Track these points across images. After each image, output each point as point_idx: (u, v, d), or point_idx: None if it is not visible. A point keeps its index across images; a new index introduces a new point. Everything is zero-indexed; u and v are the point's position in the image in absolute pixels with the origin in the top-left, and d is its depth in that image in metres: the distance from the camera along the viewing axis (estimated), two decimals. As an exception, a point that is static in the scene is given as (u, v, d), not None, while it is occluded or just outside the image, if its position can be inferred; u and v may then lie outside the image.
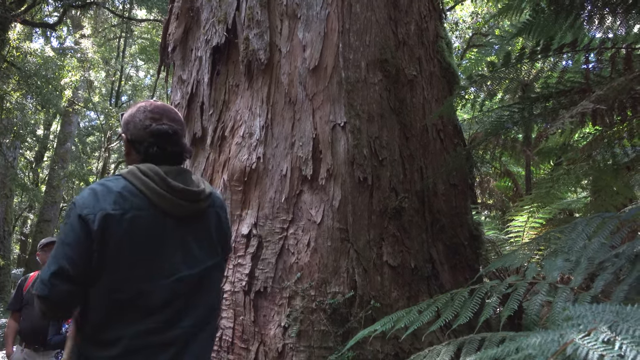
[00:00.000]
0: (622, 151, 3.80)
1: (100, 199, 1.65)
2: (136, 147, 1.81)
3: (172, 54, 4.14)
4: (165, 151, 1.79)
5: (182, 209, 1.76)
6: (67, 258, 1.60)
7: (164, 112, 1.84)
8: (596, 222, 2.33)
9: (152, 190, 1.69)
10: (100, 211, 1.61)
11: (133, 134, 1.81)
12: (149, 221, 1.69)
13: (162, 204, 1.71)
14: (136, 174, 1.71)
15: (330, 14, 3.43)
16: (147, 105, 1.85)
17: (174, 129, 1.81)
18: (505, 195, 9.41)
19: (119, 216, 1.63)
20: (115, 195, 1.66)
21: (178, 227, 1.76)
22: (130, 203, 1.67)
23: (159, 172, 1.72)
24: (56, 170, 15.73)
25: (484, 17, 13.30)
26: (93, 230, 1.59)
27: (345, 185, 3.12)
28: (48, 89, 12.46)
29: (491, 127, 3.75)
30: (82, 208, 1.63)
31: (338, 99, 3.28)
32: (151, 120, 1.80)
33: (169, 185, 1.72)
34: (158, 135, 1.77)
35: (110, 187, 1.68)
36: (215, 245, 1.89)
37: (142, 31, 19.24)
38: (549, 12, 3.16)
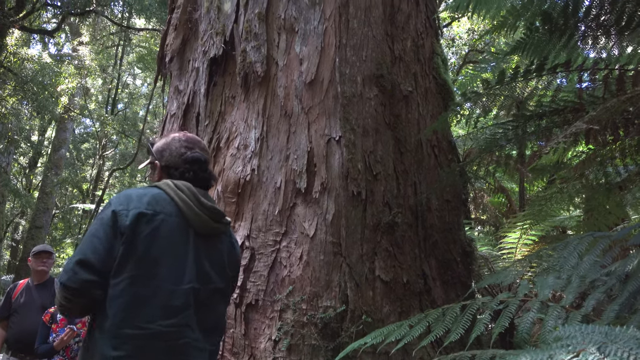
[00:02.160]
0: (614, 170, 3.83)
1: (134, 199, 1.80)
2: (170, 173, 2.00)
3: (170, 64, 4.15)
4: (197, 177, 1.99)
5: (205, 225, 1.90)
6: (93, 248, 1.70)
7: (195, 142, 2.09)
8: (588, 241, 2.34)
9: (183, 201, 1.85)
10: (134, 209, 1.76)
11: (168, 161, 2.02)
12: (176, 227, 1.82)
13: (190, 215, 1.85)
14: (171, 185, 1.90)
15: (327, 29, 3.46)
16: (180, 136, 2.08)
17: (205, 157, 2.06)
18: (499, 211, 9.43)
19: (151, 216, 1.77)
20: (149, 198, 1.82)
21: (197, 242, 1.88)
22: (162, 207, 1.82)
23: (192, 188, 1.91)
24: (49, 176, 15.65)
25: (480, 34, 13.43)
26: (124, 225, 1.72)
27: (339, 199, 3.13)
28: (44, 95, 12.44)
29: (485, 144, 3.77)
30: (116, 205, 1.77)
31: (334, 113, 3.29)
32: (186, 148, 2.02)
33: (199, 200, 1.88)
34: (193, 162, 1.99)
35: (145, 192, 1.85)
36: (225, 269, 1.99)
37: (140, 40, 19.29)
38: (543, 31, 3.21)
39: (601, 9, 3.02)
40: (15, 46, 12.59)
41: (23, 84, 11.94)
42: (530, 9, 3.04)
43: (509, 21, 3.11)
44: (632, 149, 3.51)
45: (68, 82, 14.21)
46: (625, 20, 3.04)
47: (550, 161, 6.75)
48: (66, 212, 19.66)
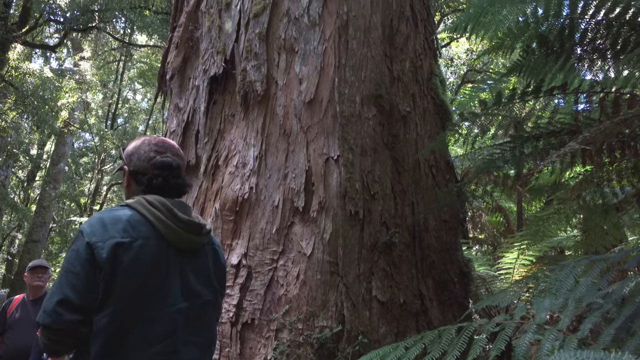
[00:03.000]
0: (611, 192, 3.85)
1: (108, 227, 1.65)
2: (138, 179, 1.85)
3: (170, 81, 4.19)
4: (168, 183, 1.82)
5: (185, 241, 1.78)
6: (72, 287, 1.58)
7: (168, 146, 1.91)
8: (584, 264, 2.34)
9: (159, 220, 1.72)
10: (110, 239, 1.62)
11: (136, 166, 1.85)
12: (155, 250, 1.70)
13: (168, 234, 1.73)
14: (143, 203, 1.74)
15: (327, 49, 3.50)
16: (151, 139, 1.91)
17: (177, 162, 1.87)
18: (497, 230, 9.43)
19: (128, 244, 1.63)
20: (124, 224, 1.67)
21: (179, 259, 1.77)
22: (138, 232, 1.68)
23: (166, 203, 1.75)
24: (47, 190, 15.63)
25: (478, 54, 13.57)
26: (102, 258, 1.59)
27: (337, 219, 3.13)
28: (44, 110, 12.49)
29: (483, 164, 3.79)
30: (90, 236, 1.62)
31: (332, 132, 3.31)
32: (155, 152, 1.86)
33: (176, 216, 1.75)
34: (162, 167, 1.82)
35: (118, 215, 1.70)
36: (212, 281, 1.89)
37: (141, 56, 19.44)
38: (539, 53, 3.25)
39: (597, 33, 3.06)
40: (17, 60, 12.68)
41: (24, 98, 12.00)
42: (527, 31, 3.08)
43: (506, 42, 3.15)
44: (629, 171, 3.53)
45: (69, 96, 14.28)
46: (621, 44, 3.08)
47: (547, 182, 6.78)
48: (63, 226, 19.59)
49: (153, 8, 12.51)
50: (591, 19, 2.97)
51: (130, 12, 11.45)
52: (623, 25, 2.91)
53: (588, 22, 3.01)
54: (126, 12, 11.33)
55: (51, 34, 17.46)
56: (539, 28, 3.13)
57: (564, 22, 3.01)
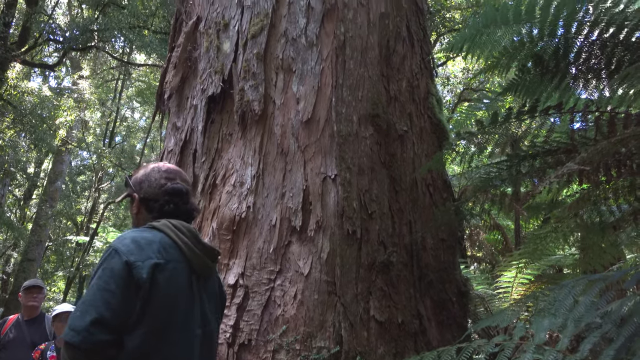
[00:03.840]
0: (608, 210, 3.85)
1: (144, 247, 1.67)
2: (149, 205, 1.88)
3: (168, 101, 4.21)
4: (178, 209, 1.87)
5: (205, 266, 1.83)
6: (107, 305, 1.55)
7: (176, 172, 1.97)
8: (583, 283, 2.33)
9: (186, 245, 1.76)
10: (148, 259, 1.63)
11: (147, 193, 1.89)
12: (184, 274, 1.74)
13: (193, 259, 1.77)
14: (171, 227, 1.78)
15: (324, 69, 3.53)
16: (160, 167, 1.96)
17: (186, 188, 1.93)
18: (495, 248, 9.41)
19: (164, 265, 1.66)
20: (157, 245, 1.70)
21: (198, 285, 1.81)
22: (170, 254, 1.71)
23: (190, 228, 1.81)
24: (44, 209, 15.58)
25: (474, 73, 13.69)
26: (142, 278, 1.59)
27: (334, 238, 3.13)
28: (42, 128, 12.51)
29: (480, 183, 3.80)
30: (128, 255, 1.62)
31: (329, 151, 3.32)
32: (166, 179, 1.91)
33: (200, 241, 1.80)
34: (173, 194, 1.87)
35: (150, 237, 1.72)
36: (219, 306, 1.94)
37: (139, 74, 19.55)
38: (534, 72, 3.28)
39: (591, 53, 3.10)
40: (15, 79, 12.73)
41: (22, 116, 12.02)
42: (523, 51, 3.11)
43: (501, 62, 3.18)
44: (625, 190, 3.54)
45: (67, 115, 14.32)
46: (615, 64, 3.11)
47: (544, 200, 6.79)
48: (59, 244, 19.48)
49: (152, 28, 12.62)
50: (585, 39, 3.01)
51: (129, 32, 11.54)
52: (617, 45, 2.94)
53: (582, 42, 3.05)
54: (125, 31, 11.42)
55: (50, 53, 17.58)
56: (534, 48, 3.16)
57: (558, 42, 3.05)
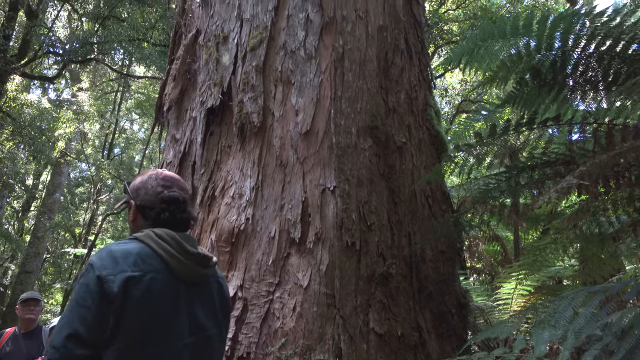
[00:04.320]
0: (607, 221, 3.86)
1: (119, 260, 1.65)
2: (145, 213, 1.86)
3: (167, 113, 4.22)
4: (174, 217, 1.84)
5: (193, 274, 1.79)
6: (83, 320, 1.56)
7: (174, 180, 1.95)
8: (583, 295, 2.33)
9: (169, 254, 1.72)
10: (121, 273, 1.61)
11: (144, 200, 1.87)
12: (165, 284, 1.70)
13: (177, 267, 1.73)
14: (152, 237, 1.75)
15: (323, 81, 3.54)
16: (158, 174, 1.94)
17: (183, 196, 1.90)
18: (494, 259, 9.39)
19: (139, 278, 1.63)
20: (134, 257, 1.67)
21: (187, 293, 1.77)
22: (149, 265, 1.68)
23: (175, 236, 1.76)
24: (42, 220, 15.54)
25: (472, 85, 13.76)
26: (113, 292, 1.58)
27: (333, 250, 3.12)
28: (41, 140, 12.52)
29: (479, 195, 3.80)
30: (101, 269, 1.61)
31: (328, 163, 3.33)
32: (163, 187, 1.89)
33: (185, 249, 1.76)
34: (170, 202, 1.85)
35: (128, 249, 1.70)
36: (217, 314, 1.89)
37: (139, 86, 19.63)
38: (532, 85, 3.29)
39: (588, 66, 3.12)
40: (15, 91, 12.77)
41: (21, 128, 12.04)
42: (520, 64, 3.13)
43: (499, 75, 3.20)
44: (624, 201, 3.54)
45: (66, 127, 14.35)
46: (612, 77, 3.13)
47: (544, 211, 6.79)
48: (57, 256, 19.41)
49: (151, 40, 12.69)
50: (583, 52, 3.03)
51: (128, 44, 11.61)
52: (614, 58, 2.96)
53: (580, 55, 3.07)
54: (125, 44, 11.48)
55: (50, 65, 17.64)
56: (531, 61, 3.18)
57: (555, 54, 3.07)
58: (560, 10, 13.05)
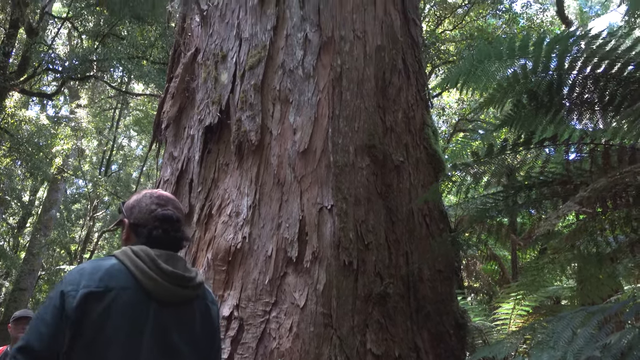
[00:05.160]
0: (605, 241, 3.85)
1: (86, 276, 1.65)
2: (138, 231, 1.86)
3: (165, 131, 4.23)
4: (167, 235, 1.84)
5: (169, 294, 1.74)
6: (38, 334, 1.58)
7: (168, 199, 1.96)
8: (582, 316, 2.32)
9: (142, 271, 1.70)
10: (83, 289, 1.61)
11: (137, 218, 1.88)
12: (132, 302, 1.66)
13: (149, 285, 1.70)
14: (128, 253, 1.74)
15: (321, 100, 3.56)
16: (152, 193, 1.96)
17: (177, 215, 1.90)
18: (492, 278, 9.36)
19: (101, 294, 1.62)
20: (102, 273, 1.66)
21: (161, 313, 1.72)
22: (116, 281, 1.66)
23: (150, 253, 1.74)
24: (38, 237, 15.44)
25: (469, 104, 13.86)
26: (71, 307, 1.57)
27: (330, 269, 3.10)
28: (38, 156, 12.52)
29: (476, 214, 3.80)
30: (66, 285, 1.63)
31: (326, 182, 3.33)
32: (157, 205, 1.89)
33: (159, 266, 1.72)
34: (163, 220, 1.85)
35: (99, 265, 1.70)
36: (197, 338, 1.82)
37: (137, 103, 19.70)
38: (529, 107, 3.31)
39: (584, 87, 3.14)
40: (13, 108, 12.80)
41: (18, 145, 12.04)
42: (516, 87, 3.15)
43: (496, 98, 3.22)
44: (621, 221, 3.54)
45: (63, 143, 14.35)
46: (608, 98, 3.16)
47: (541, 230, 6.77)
48: (52, 274, 19.25)
49: (151, 58, 12.78)
50: (579, 74, 3.06)
51: (128, 62, 11.68)
52: (610, 80, 2.99)
53: (576, 77, 3.09)
54: (124, 61, 11.56)
55: (49, 82, 17.71)
56: (528, 83, 3.21)
57: (552, 76, 3.10)
58: (555, 32, 13.23)
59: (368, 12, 4.04)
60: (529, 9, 13.47)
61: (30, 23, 11.75)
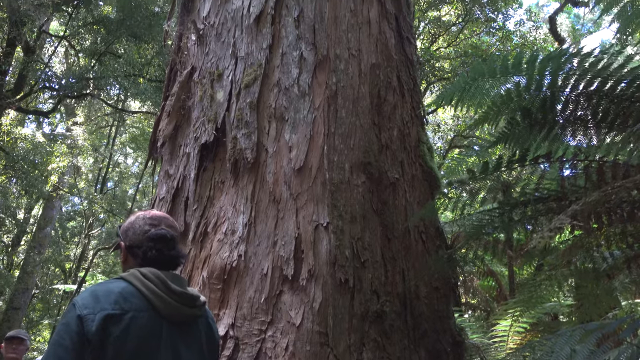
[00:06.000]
0: (601, 256, 3.85)
1: (101, 299, 1.66)
2: (134, 252, 1.88)
3: (161, 148, 4.23)
4: (162, 255, 1.86)
5: (179, 313, 1.79)
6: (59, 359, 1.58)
7: (162, 219, 1.99)
8: (580, 333, 2.31)
9: (153, 292, 1.73)
10: (101, 312, 1.62)
11: (132, 240, 1.90)
12: (147, 323, 1.70)
13: (161, 306, 1.73)
14: (137, 276, 1.76)
15: (316, 118, 3.58)
16: (145, 214, 1.99)
17: (171, 234, 1.93)
18: (489, 295, 9.32)
19: (119, 316, 1.64)
20: (116, 296, 1.68)
21: (171, 332, 1.77)
22: (130, 304, 1.69)
23: (160, 275, 1.78)
24: (32, 255, 15.32)
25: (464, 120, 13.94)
26: (91, 331, 1.59)
27: (327, 287, 3.08)
28: (34, 174, 12.48)
29: (472, 231, 3.80)
30: (82, 308, 1.63)
31: (322, 199, 3.33)
32: (150, 225, 1.92)
33: (169, 287, 1.76)
34: (157, 240, 1.87)
35: (111, 288, 1.71)
36: (203, 355, 1.88)
37: (134, 121, 19.73)
38: (523, 125, 3.34)
39: (577, 105, 3.17)
40: (9, 126, 12.79)
41: (14, 162, 12.01)
42: (510, 104, 3.18)
43: (490, 115, 3.25)
44: (616, 237, 3.55)
45: (59, 160, 14.33)
46: (601, 115, 3.18)
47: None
48: (46, 292, 19.07)
49: (147, 76, 12.84)
50: (572, 91, 3.08)
51: (124, 80, 11.73)
52: (602, 97, 3.02)
53: (569, 94, 3.12)
54: (120, 79, 11.60)
55: (45, 99, 17.74)
56: (521, 101, 3.24)
57: (545, 94, 3.12)
58: (549, 49, 13.38)
59: (363, 31, 4.09)
60: (522, 27, 13.64)
61: (28, 42, 11.80)
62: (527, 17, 14.49)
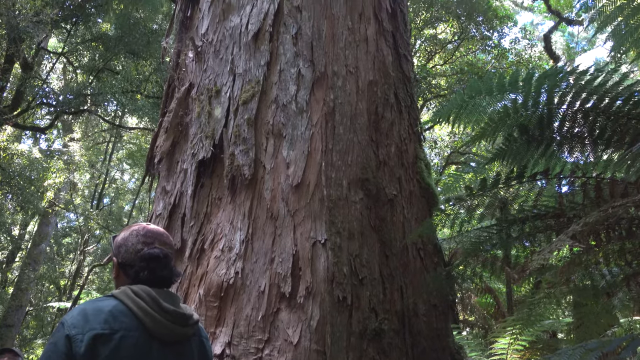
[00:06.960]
0: (599, 274, 3.84)
1: (90, 318, 1.63)
2: (126, 271, 1.84)
3: (158, 165, 4.21)
4: (154, 275, 1.81)
5: (170, 332, 1.75)
6: None
7: (156, 236, 1.92)
8: (580, 353, 2.29)
9: (144, 311, 1.69)
10: (90, 331, 1.59)
11: (124, 258, 1.86)
12: (137, 343, 1.66)
13: (152, 325, 1.70)
14: (128, 294, 1.72)
15: (314, 134, 3.58)
16: (139, 230, 1.92)
17: (165, 252, 1.87)
18: (487, 312, 9.25)
19: (108, 336, 1.61)
20: (106, 315, 1.65)
21: (163, 352, 1.73)
22: (120, 323, 1.65)
23: (151, 293, 1.74)
24: (27, 272, 15.18)
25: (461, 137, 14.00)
26: (79, 352, 1.56)
27: (324, 305, 3.05)
28: (30, 190, 12.42)
29: (470, 247, 3.79)
30: (70, 328, 1.60)
31: (319, 216, 3.31)
32: (143, 244, 1.86)
33: (161, 306, 1.72)
34: (149, 260, 1.82)
35: (100, 306, 1.68)
36: None
37: (131, 137, 19.72)
38: (520, 141, 3.34)
39: (574, 122, 3.18)
40: (6, 142, 12.77)
41: (10, 178, 11.96)
42: (507, 121, 3.19)
43: (487, 132, 3.25)
44: (615, 255, 3.54)
45: (55, 177, 14.27)
46: (598, 132, 3.19)
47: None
48: (40, 310, 18.86)
49: (145, 92, 12.87)
50: (568, 108, 3.10)
51: (122, 96, 11.75)
52: (599, 114, 3.03)
53: (565, 111, 3.14)
54: (118, 95, 11.62)
55: (42, 115, 17.74)
56: (518, 118, 3.25)
57: (542, 111, 3.14)
58: (544, 66, 13.49)
59: (360, 49, 4.11)
60: (517, 45, 13.77)
61: (26, 58, 11.84)
62: (522, 35, 14.62)
